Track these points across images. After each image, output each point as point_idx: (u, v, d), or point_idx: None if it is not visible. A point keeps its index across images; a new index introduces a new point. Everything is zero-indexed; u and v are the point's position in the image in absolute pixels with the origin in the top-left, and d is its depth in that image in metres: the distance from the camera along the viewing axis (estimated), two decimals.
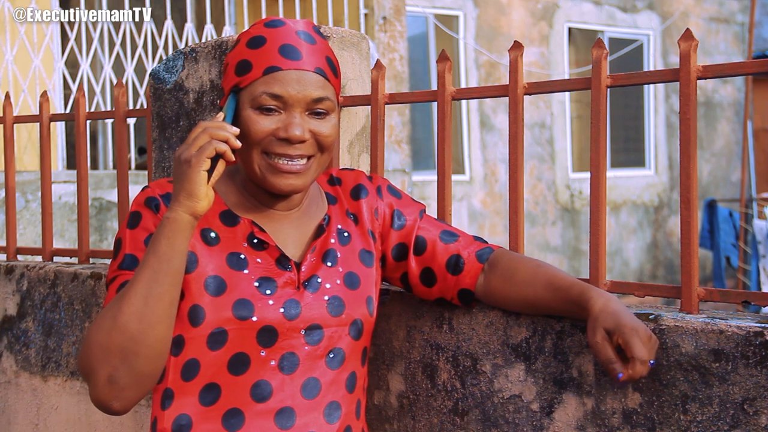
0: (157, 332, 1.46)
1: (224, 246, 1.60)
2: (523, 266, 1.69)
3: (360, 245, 1.71)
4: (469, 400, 1.82)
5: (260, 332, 1.57)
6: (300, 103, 1.57)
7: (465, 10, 9.43)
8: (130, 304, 1.45)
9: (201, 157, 1.46)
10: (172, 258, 1.47)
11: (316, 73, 1.58)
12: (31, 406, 2.67)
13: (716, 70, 1.67)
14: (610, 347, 1.48)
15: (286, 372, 1.59)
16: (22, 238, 5.17)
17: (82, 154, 2.68)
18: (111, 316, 1.46)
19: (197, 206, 1.47)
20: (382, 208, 1.76)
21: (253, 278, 1.58)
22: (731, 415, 1.51)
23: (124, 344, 1.44)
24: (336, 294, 1.63)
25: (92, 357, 1.46)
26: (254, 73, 1.57)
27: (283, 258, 1.61)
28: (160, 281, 1.46)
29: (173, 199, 1.48)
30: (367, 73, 2.25)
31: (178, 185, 1.48)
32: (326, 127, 1.60)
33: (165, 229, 1.48)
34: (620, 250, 10.50)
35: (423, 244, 1.74)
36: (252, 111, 1.57)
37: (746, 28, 11.44)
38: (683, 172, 1.69)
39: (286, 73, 1.56)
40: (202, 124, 1.50)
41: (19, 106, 5.47)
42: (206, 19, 6.40)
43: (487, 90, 1.99)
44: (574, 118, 10.40)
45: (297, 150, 1.57)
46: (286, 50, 1.57)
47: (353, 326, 1.64)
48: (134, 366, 1.45)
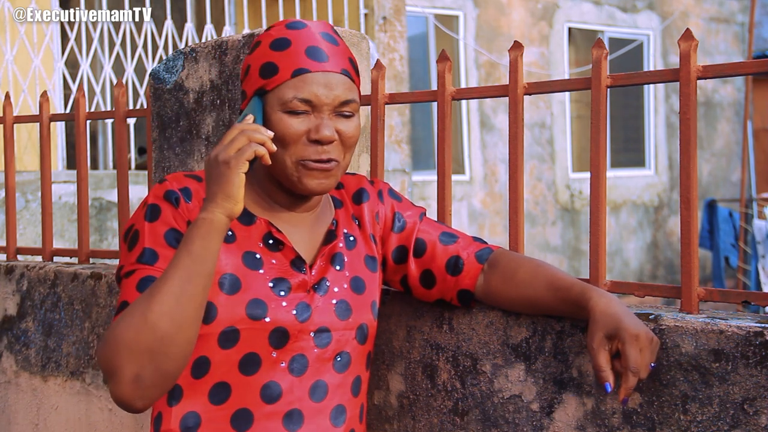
0: (187, 333, 1.45)
1: (240, 244, 1.60)
2: (523, 266, 1.69)
3: (365, 250, 1.72)
4: (469, 400, 1.82)
5: (272, 333, 1.56)
6: (328, 105, 1.57)
7: (465, 10, 9.43)
8: (162, 303, 1.43)
9: (240, 159, 1.45)
10: (206, 259, 1.46)
11: (343, 75, 1.59)
12: (31, 406, 2.67)
13: (716, 70, 1.67)
14: (606, 355, 1.48)
15: (296, 374, 1.58)
16: (22, 238, 5.17)
17: (82, 154, 2.68)
18: (140, 314, 1.43)
19: (235, 208, 1.46)
20: (383, 212, 1.77)
21: (268, 278, 1.58)
22: (731, 415, 1.51)
23: (154, 344, 1.42)
24: (343, 298, 1.64)
25: (118, 354, 1.43)
26: (282, 75, 1.57)
27: (298, 260, 1.62)
28: (194, 282, 1.44)
29: (209, 200, 1.47)
30: (367, 73, 2.25)
31: (214, 187, 1.46)
32: (351, 126, 1.60)
33: (201, 230, 1.46)
34: (620, 250, 10.50)
35: (422, 246, 1.75)
36: (282, 113, 1.57)
37: (746, 28, 11.44)
38: (683, 172, 1.69)
39: (314, 76, 1.56)
40: (238, 126, 1.49)
41: (19, 106, 5.47)
42: (206, 19, 6.40)
43: (487, 90, 1.99)
44: (574, 118, 10.40)
45: (327, 153, 1.58)
46: (313, 52, 1.57)
47: (359, 331, 1.65)
48: (162, 366, 1.44)
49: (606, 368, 1.48)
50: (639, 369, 1.46)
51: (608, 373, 1.48)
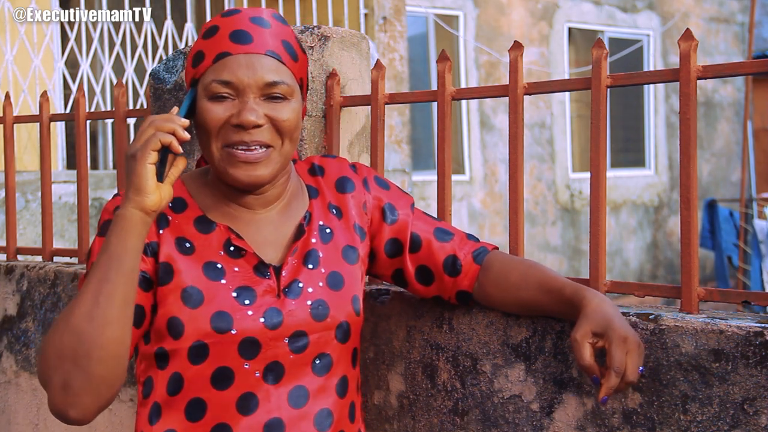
0: (109, 333, 1.40)
1: (200, 255, 1.55)
2: (515, 269, 1.67)
3: (343, 241, 1.66)
4: (469, 400, 1.82)
5: (241, 344, 1.52)
6: (252, 87, 1.51)
7: (465, 10, 9.43)
8: (81, 305, 1.41)
9: (146, 150, 1.42)
10: (123, 255, 1.42)
11: (269, 56, 1.53)
12: (31, 406, 2.67)
13: (716, 70, 1.67)
14: (590, 348, 1.47)
15: (271, 382, 1.55)
16: (22, 238, 5.17)
17: (82, 154, 2.68)
18: (63, 319, 1.42)
19: (146, 201, 1.42)
20: (370, 202, 1.71)
21: (231, 288, 1.53)
22: (731, 415, 1.51)
23: (76, 346, 1.39)
24: (319, 297, 1.58)
25: (47, 363, 1.42)
26: (206, 62, 1.53)
27: (261, 265, 1.56)
28: (111, 279, 1.41)
29: (123, 197, 1.45)
30: (367, 73, 2.25)
31: (127, 182, 1.44)
32: (284, 112, 1.54)
33: (116, 227, 1.43)
34: (620, 250, 10.50)
35: (418, 241, 1.71)
36: (206, 101, 1.53)
37: (746, 28, 11.44)
38: (683, 172, 1.69)
39: (235, 58, 1.52)
40: (149, 118, 1.45)
41: (19, 106, 5.47)
42: (206, 19, 6.40)
43: (487, 90, 1.99)
44: (574, 118, 10.40)
45: (253, 136, 1.51)
46: (237, 35, 1.53)
47: (339, 329, 1.60)
48: (87, 369, 1.39)
49: (589, 360, 1.46)
50: (622, 370, 1.44)
51: (593, 366, 1.46)
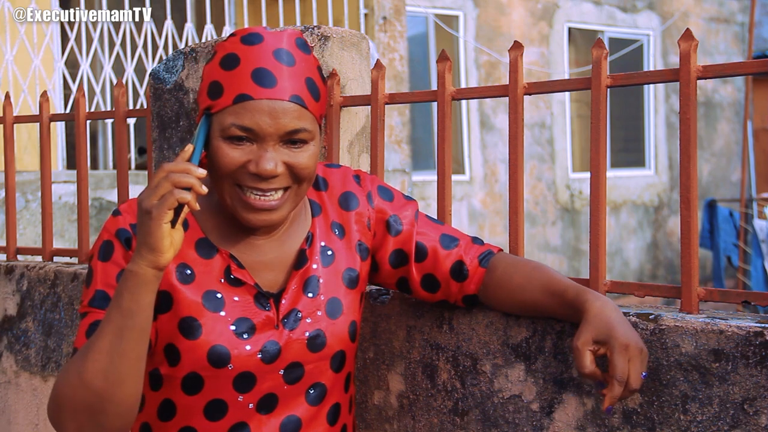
0: (124, 389, 1.39)
1: (200, 283, 1.52)
2: (519, 271, 1.66)
3: (344, 264, 1.63)
4: (469, 400, 1.82)
5: (237, 378, 1.51)
6: (273, 136, 1.45)
7: (465, 10, 9.43)
8: (94, 361, 1.38)
9: (162, 209, 1.35)
10: (136, 313, 1.38)
11: (292, 102, 1.45)
12: (31, 406, 2.67)
13: (716, 70, 1.67)
14: (590, 356, 1.46)
15: (264, 413, 1.54)
16: (22, 238, 5.17)
17: (82, 154, 2.68)
18: (76, 372, 1.40)
19: (160, 260, 1.37)
20: (374, 217, 1.68)
21: (229, 321, 1.51)
22: (731, 415, 1.51)
23: (91, 401, 1.39)
24: (317, 327, 1.56)
25: (59, 411, 1.42)
26: (225, 99, 1.45)
27: (261, 296, 1.54)
28: (125, 337, 1.38)
29: (136, 251, 1.38)
30: (367, 73, 2.25)
31: (140, 237, 1.37)
32: (303, 157, 1.48)
33: (128, 283, 1.38)
34: (620, 250, 10.50)
35: (423, 251, 1.68)
36: (222, 141, 1.45)
37: (746, 28, 11.44)
38: (683, 172, 1.69)
39: (257, 103, 1.43)
40: (165, 168, 1.37)
41: (19, 106, 5.47)
42: (206, 19, 6.40)
43: (487, 90, 1.99)
44: (574, 118, 10.40)
45: (270, 184, 1.46)
46: (259, 76, 1.44)
47: (334, 359, 1.59)
48: (103, 423, 1.40)
49: (590, 368, 1.45)
50: (624, 379, 1.43)
51: (594, 373, 1.46)
